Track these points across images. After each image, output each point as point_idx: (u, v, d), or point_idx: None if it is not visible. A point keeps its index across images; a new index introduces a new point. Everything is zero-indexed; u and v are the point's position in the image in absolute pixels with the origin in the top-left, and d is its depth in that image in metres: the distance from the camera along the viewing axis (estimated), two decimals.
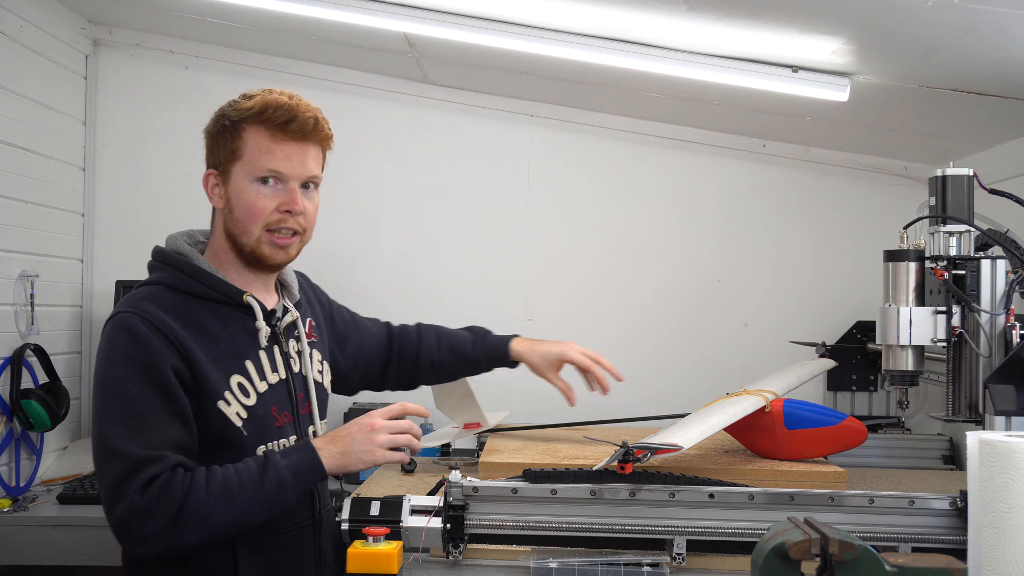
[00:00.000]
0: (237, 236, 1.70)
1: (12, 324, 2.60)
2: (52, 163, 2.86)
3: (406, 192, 3.15)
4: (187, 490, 1.53)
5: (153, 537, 1.52)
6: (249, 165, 1.66)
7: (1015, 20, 1.93)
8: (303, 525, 1.75)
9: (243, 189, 1.67)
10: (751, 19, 2.21)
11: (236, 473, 1.58)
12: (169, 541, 1.53)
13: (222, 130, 1.69)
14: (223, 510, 1.55)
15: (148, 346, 1.58)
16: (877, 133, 2.94)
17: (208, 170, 1.72)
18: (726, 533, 1.76)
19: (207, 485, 1.55)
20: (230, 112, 1.68)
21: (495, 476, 2.03)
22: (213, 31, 2.99)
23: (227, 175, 1.69)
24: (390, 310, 3.14)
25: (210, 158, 1.73)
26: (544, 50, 2.51)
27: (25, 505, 2.45)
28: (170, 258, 1.72)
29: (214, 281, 1.70)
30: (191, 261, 1.71)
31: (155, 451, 1.54)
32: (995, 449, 1.43)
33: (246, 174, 1.66)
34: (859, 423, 2.19)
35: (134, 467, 1.52)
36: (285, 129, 1.65)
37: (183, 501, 1.52)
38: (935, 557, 1.27)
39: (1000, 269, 2.00)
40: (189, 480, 1.54)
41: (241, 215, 1.68)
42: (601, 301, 3.14)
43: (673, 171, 3.16)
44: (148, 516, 1.51)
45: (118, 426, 1.54)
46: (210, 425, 1.63)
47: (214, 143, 1.71)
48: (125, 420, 1.55)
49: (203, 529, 1.55)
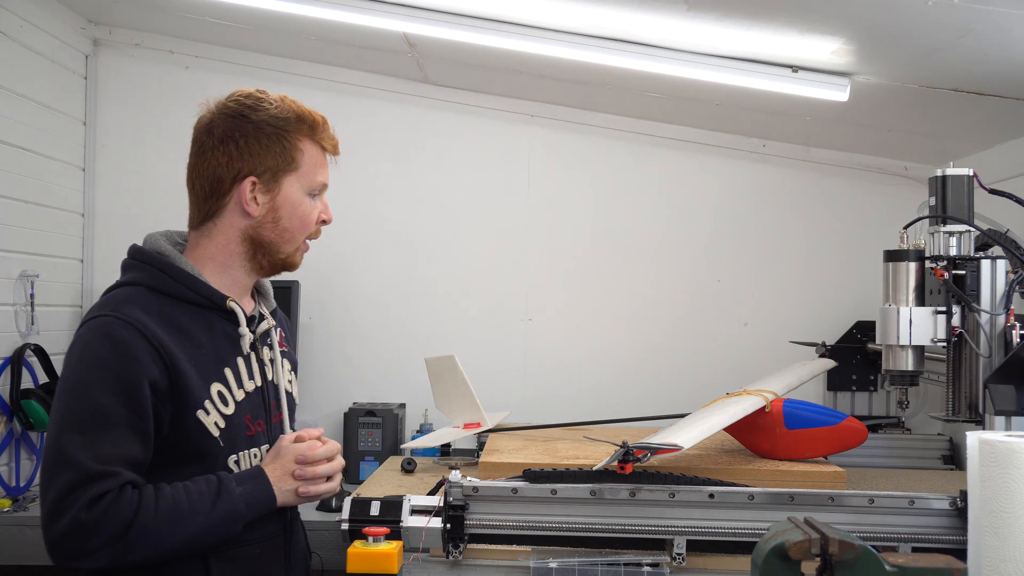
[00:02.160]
0: (276, 244, 1.68)
1: (12, 324, 2.60)
2: (52, 163, 2.86)
3: (406, 192, 3.15)
4: (136, 509, 1.48)
5: (94, 553, 1.47)
6: (306, 178, 1.67)
7: (1015, 20, 1.93)
8: (275, 534, 1.69)
9: (298, 201, 1.67)
10: (751, 19, 2.21)
11: (187, 495, 1.53)
12: (112, 558, 1.48)
13: (270, 138, 1.64)
14: (171, 531, 1.51)
15: (127, 354, 1.53)
16: (877, 133, 2.94)
17: (247, 176, 1.64)
18: (726, 533, 1.76)
19: (156, 505, 1.50)
20: (272, 120, 1.64)
21: (495, 476, 2.03)
22: (213, 31, 2.99)
23: (276, 184, 1.65)
24: (390, 310, 3.16)
25: (244, 163, 1.64)
26: (544, 50, 2.52)
27: (25, 505, 2.45)
28: (150, 257, 1.66)
29: (197, 284, 1.64)
30: (173, 262, 1.65)
31: (109, 466, 1.48)
32: (995, 449, 1.43)
33: (301, 187, 1.67)
34: (859, 423, 2.19)
35: (86, 480, 1.46)
36: (331, 148, 1.72)
37: (131, 520, 1.47)
38: (935, 557, 1.27)
39: (1000, 269, 2.00)
40: (138, 499, 1.49)
41: (291, 225, 1.67)
42: (601, 301, 3.14)
43: (673, 171, 3.16)
44: (92, 532, 1.46)
45: (77, 434, 1.48)
46: (187, 435, 1.58)
47: (254, 146, 1.64)
48: (85, 429, 1.49)
49: (148, 549, 1.50)
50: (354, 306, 3.14)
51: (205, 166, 1.66)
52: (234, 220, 1.66)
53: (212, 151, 1.65)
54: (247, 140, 1.63)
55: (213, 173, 1.65)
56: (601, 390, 3.11)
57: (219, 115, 1.66)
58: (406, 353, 3.07)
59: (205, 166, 1.66)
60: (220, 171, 1.64)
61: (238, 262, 1.69)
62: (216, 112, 1.67)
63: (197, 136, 1.69)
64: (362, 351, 3.13)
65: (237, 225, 1.66)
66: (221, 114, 1.66)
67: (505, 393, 3.07)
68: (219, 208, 1.66)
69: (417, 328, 3.13)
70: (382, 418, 2.83)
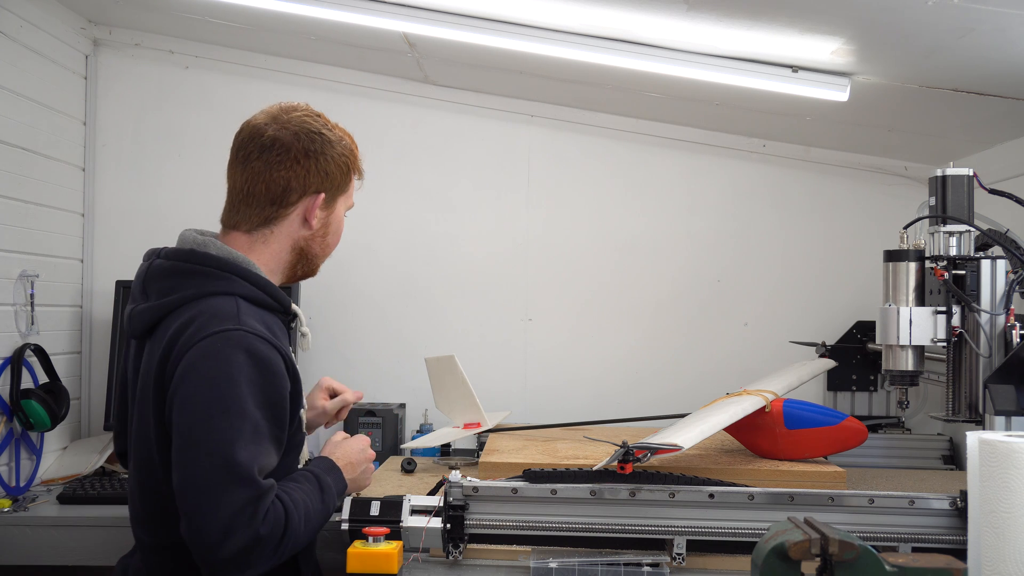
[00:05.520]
0: (317, 256, 1.83)
1: (12, 324, 2.60)
2: (52, 163, 2.86)
3: (406, 192, 3.15)
4: (286, 518, 1.55)
5: (264, 563, 1.54)
6: (349, 199, 1.86)
7: (1015, 20, 1.93)
8: None
9: (341, 219, 1.86)
10: (751, 19, 2.21)
11: (304, 494, 1.63)
12: (270, 565, 1.55)
13: (337, 158, 1.77)
14: (306, 531, 1.60)
15: (270, 369, 1.59)
16: (877, 133, 2.94)
17: (319, 193, 1.76)
18: (726, 533, 1.76)
19: (295, 511, 1.58)
20: (341, 143, 1.79)
21: (495, 476, 2.03)
22: (213, 31, 2.99)
23: (332, 203, 1.80)
24: (390, 310, 3.16)
25: (318, 180, 1.75)
26: (544, 50, 2.51)
27: (25, 505, 2.45)
28: (232, 267, 1.69)
29: (276, 292, 1.73)
30: (253, 271, 1.71)
31: (268, 479, 1.55)
32: (995, 449, 1.43)
33: (345, 207, 1.85)
34: (859, 423, 2.19)
35: (258, 496, 1.51)
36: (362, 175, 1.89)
37: (284, 527, 1.55)
38: (935, 557, 1.28)
39: (1000, 269, 2.00)
40: (283, 508, 1.56)
41: (333, 241, 1.85)
42: (601, 301, 3.14)
43: (673, 171, 3.16)
44: (266, 545, 1.52)
45: (247, 451, 1.52)
46: (296, 430, 1.69)
47: (330, 166, 1.76)
48: (251, 445, 1.53)
49: (293, 551, 1.59)
50: (354, 306, 3.13)
51: (280, 175, 1.72)
52: (292, 230, 1.76)
53: (291, 162, 1.72)
54: (325, 159, 1.75)
55: (286, 183, 1.73)
56: (601, 390, 3.11)
57: (297, 128, 1.74)
58: (406, 353, 3.07)
59: (280, 175, 1.72)
60: (294, 182, 1.73)
61: (281, 268, 1.79)
62: (291, 124, 1.74)
63: (271, 143, 1.73)
64: (362, 351, 3.13)
65: (294, 235, 1.77)
66: (300, 127, 1.74)
67: (505, 393, 3.08)
68: (281, 216, 1.75)
69: (417, 328, 3.14)
70: (382, 418, 2.83)
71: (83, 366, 3.02)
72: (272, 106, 1.78)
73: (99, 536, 2.33)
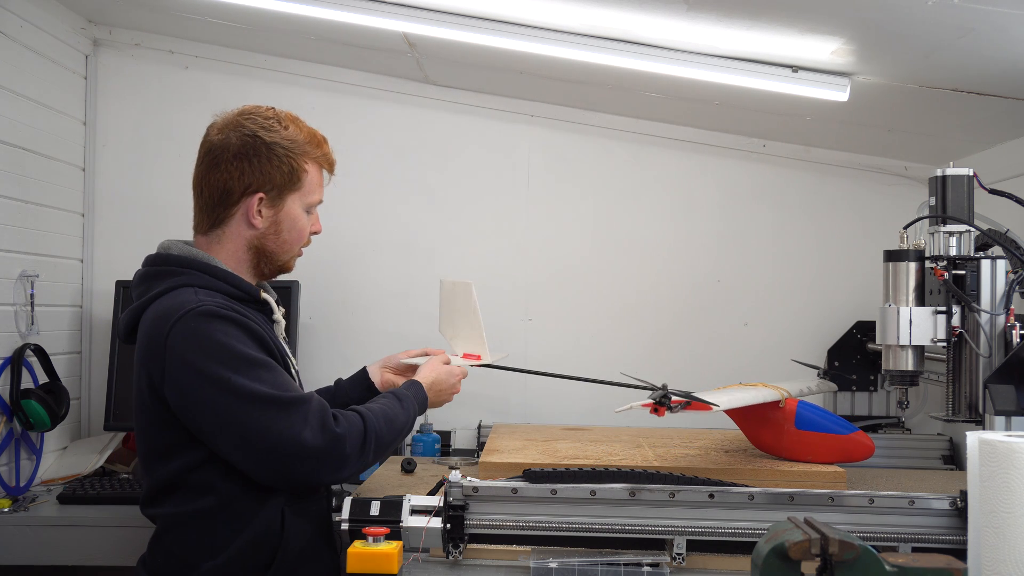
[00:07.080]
0: (275, 254, 1.86)
1: (12, 324, 2.60)
2: (52, 163, 2.86)
3: (406, 192, 3.14)
4: (363, 420, 1.72)
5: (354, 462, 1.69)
6: (306, 196, 1.85)
7: (1015, 20, 1.93)
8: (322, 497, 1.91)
9: (297, 216, 1.85)
10: (751, 19, 2.21)
11: (381, 405, 1.81)
12: (359, 466, 1.71)
13: (280, 159, 1.79)
14: (389, 432, 1.76)
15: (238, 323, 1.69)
16: (877, 133, 2.94)
17: (256, 192, 1.80)
18: (726, 533, 1.76)
19: (371, 414, 1.74)
20: (283, 142, 1.80)
21: (495, 476, 2.03)
22: (213, 31, 2.99)
23: (279, 200, 1.82)
24: (390, 310, 3.15)
25: (254, 180, 1.79)
26: (544, 50, 2.51)
27: (25, 505, 2.45)
28: (189, 262, 1.78)
29: (236, 280, 1.79)
30: (210, 263, 1.79)
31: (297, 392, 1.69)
32: (995, 449, 1.43)
33: (301, 204, 1.85)
34: (868, 439, 2.18)
35: (308, 402, 1.67)
36: (331, 168, 1.91)
37: (364, 428, 1.71)
38: (935, 557, 1.28)
39: (1000, 269, 2.00)
40: (357, 414, 1.73)
41: (290, 238, 1.86)
42: (601, 301, 3.14)
43: (673, 171, 3.16)
44: (348, 443, 1.67)
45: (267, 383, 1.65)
46: None
47: (265, 166, 1.79)
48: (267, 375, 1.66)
49: (378, 452, 1.74)
50: (354, 306, 3.13)
51: (217, 177, 1.80)
52: (240, 230, 1.82)
53: (225, 164, 1.79)
54: (259, 159, 1.79)
55: (224, 185, 1.80)
56: (601, 390, 3.10)
57: (234, 131, 1.80)
58: None
59: (217, 177, 1.80)
60: (231, 184, 1.79)
61: (245, 267, 1.85)
62: (231, 128, 1.81)
63: (210, 148, 1.82)
64: (362, 351, 3.11)
65: (243, 235, 1.83)
66: (236, 131, 1.80)
67: (505, 393, 3.07)
68: (226, 217, 1.82)
69: (417, 328, 3.13)
70: None
71: (83, 366, 3.02)
72: (232, 110, 1.86)
73: (99, 536, 2.34)
